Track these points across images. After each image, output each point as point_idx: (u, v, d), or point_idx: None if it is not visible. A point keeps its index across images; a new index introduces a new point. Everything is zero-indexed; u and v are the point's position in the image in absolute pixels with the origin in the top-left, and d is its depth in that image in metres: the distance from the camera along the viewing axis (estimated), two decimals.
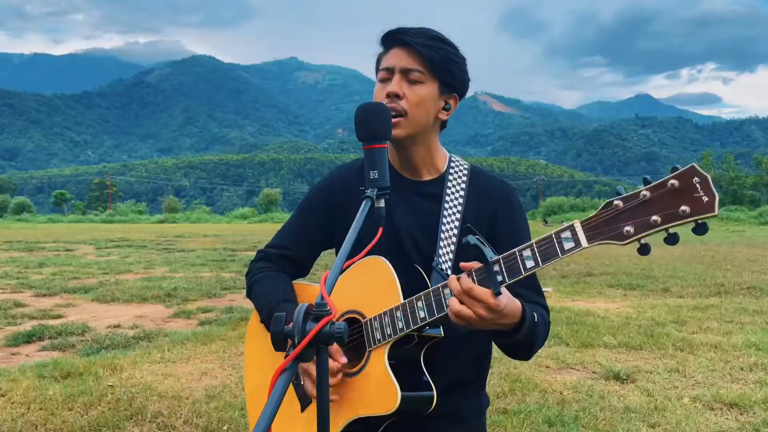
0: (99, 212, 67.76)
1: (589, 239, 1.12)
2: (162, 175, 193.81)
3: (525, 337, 1.31)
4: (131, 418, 3.55)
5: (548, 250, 1.17)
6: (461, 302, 1.23)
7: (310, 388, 1.39)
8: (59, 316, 6.94)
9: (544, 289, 1.58)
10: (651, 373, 4.58)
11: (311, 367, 1.37)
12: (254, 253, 1.72)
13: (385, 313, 1.37)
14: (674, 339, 5.62)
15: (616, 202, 1.10)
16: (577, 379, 4.42)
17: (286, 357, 0.88)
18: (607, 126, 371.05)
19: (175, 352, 5.15)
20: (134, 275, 11.11)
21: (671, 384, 4.32)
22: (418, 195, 1.55)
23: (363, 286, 1.46)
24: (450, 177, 1.56)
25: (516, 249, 1.20)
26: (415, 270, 1.45)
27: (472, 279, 1.23)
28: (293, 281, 1.64)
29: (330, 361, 1.35)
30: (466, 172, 1.58)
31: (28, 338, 5.67)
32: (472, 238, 1.20)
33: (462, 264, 1.26)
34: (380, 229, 1.22)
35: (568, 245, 1.15)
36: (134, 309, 7.59)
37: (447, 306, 1.26)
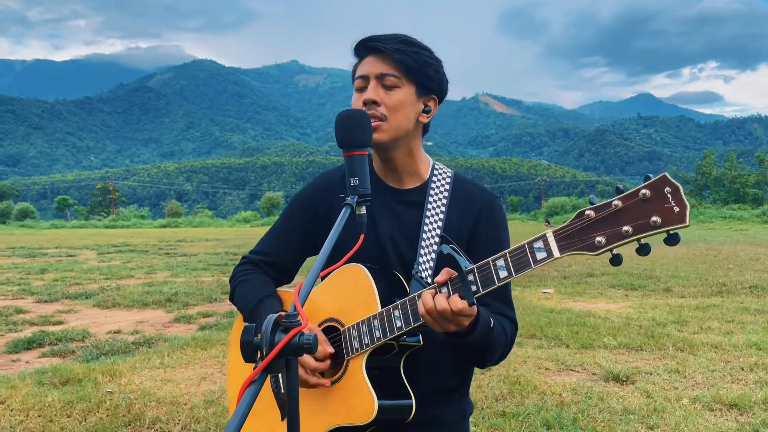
0: (102, 217, 67.89)
1: (561, 249, 1.12)
2: (164, 179, 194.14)
3: (478, 341, 1.30)
4: (129, 425, 3.55)
5: (521, 260, 1.16)
6: (430, 317, 1.23)
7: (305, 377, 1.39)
8: (60, 323, 6.95)
9: (545, 290, 1.58)
10: (651, 374, 4.57)
11: (307, 362, 1.37)
12: None
13: (362, 321, 1.37)
14: (675, 339, 5.61)
15: (588, 211, 1.09)
16: (577, 381, 4.41)
17: (255, 368, 0.87)
18: (609, 126, 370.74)
19: (175, 357, 5.15)
20: (135, 280, 11.12)
21: (671, 385, 4.31)
22: (401, 203, 1.55)
23: (342, 294, 1.46)
24: (433, 185, 1.56)
25: (490, 259, 1.19)
26: (396, 278, 1.45)
27: (447, 289, 1.23)
28: (277, 287, 1.63)
29: (312, 360, 1.36)
30: (449, 179, 1.57)
31: (29, 345, 5.68)
32: (446, 248, 1.20)
33: (437, 278, 1.25)
34: (361, 237, 1.23)
35: (540, 255, 1.14)
36: (135, 314, 7.59)
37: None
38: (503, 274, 1.18)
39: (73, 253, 18.56)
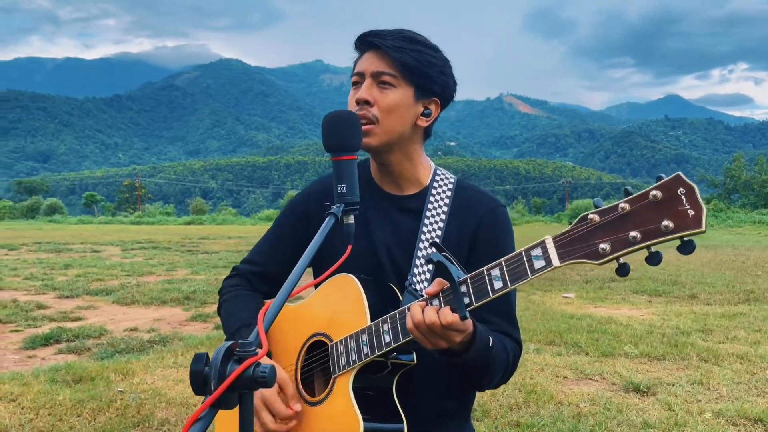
0: (128, 213, 68.93)
1: (561, 257, 1.01)
2: (190, 177, 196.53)
3: (475, 360, 1.20)
4: (138, 425, 3.53)
5: (518, 270, 1.06)
6: (419, 331, 1.15)
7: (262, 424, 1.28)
8: (78, 319, 7.01)
9: (565, 295, 1.48)
10: (673, 385, 4.42)
11: (270, 399, 1.27)
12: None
13: (350, 336, 1.28)
14: (699, 349, 5.43)
15: (591, 215, 0.99)
16: (595, 391, 4.29)
17: (203, 403, 0.79)
18: (636, 127, 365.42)
19: (189, 356, 5.14)
20: (156, 277, 11.21)
21: (693, 397, 4.16)
22: (399, 210, 1.46)
23: (331, 306, 1.37)
24: (433, 191, 1.45)
25: (484, 268, 1.10)
26: (391, 290, 1.36)
27: (439, 301, 1.14)
28: (267, 299, 1.55)
29: (282, 406, 1.27)
30: (451, 186, 1.47)
31: (46, 341, 5.72)
32: (436, 255, 1.11)
33: (427, 290, 1.15)
34: (348, 248, 1.14)
35: (538, 264, 1.04)
36: (153, 312, 7.63)
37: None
38: (498, 284, 1.08)
39: (98, 249, 18.83)
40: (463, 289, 1.12)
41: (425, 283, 1.36)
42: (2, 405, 3.78)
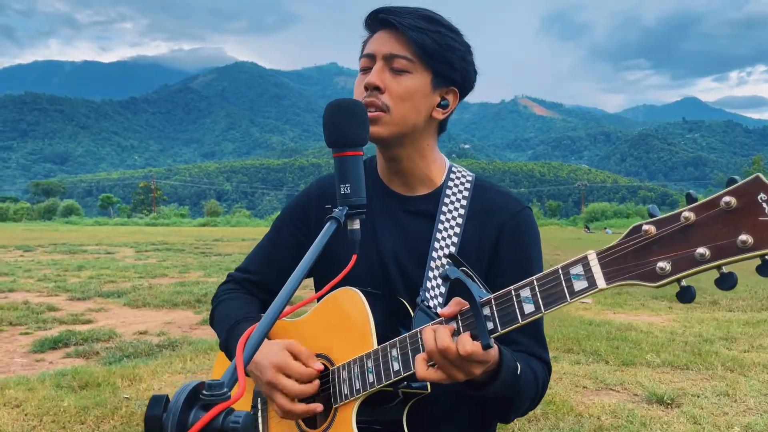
0: (144, 215, 69.48)
1: (609, 278, 0.83)
2: (205, 179, 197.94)
3: (501, 392, 1.03)
4: None
5: (553, 291, 0.88)
6: (430, 360, 0.97)
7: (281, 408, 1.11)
8: (89, 321, 6.95)
9: (583, 300, 1.29)
10: (698, 396, 4.24)
11: (285, 364, 1.11)
12: None
13: (354, 361, 1.12)
14: (723, 358, 5.23)
15: (646, 226, 0.81)
16: (617, 402, 4.12)
17: None
18: (653, 130, 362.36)
19: (197, 362, 5.04)
20: (169, 279, 11.17)
21: (720, 410, 3.98)
22: (409, 213, 1.28)
23: (333, 324, 1.19)
24: (447, 191, 1.28)
25: (512, 288, 0.93)
26: (400, 305, 1.18)
27: (457, 325, 0.97)
28: (266, 307, 1.41)
29: (300, 366, 1.11)
30: (468, 186, 1.29)
31: (55, 344, 5.65)
32: (453, 271, 0.94)
33: (443, 311, 0.99)
34: (354, 257, 0.98)
35: (579, 284, 0.86)
36: (164, 315, 7.56)
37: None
38: (529, 308, 0.91)
39: (112, 251, 18.89)
40: (486, 311, 0.94)
41: (440, 299, 1.19)
42: (6, 411, 3.69)
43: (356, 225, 1.00)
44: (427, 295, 1.19)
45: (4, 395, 3.94)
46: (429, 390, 1.12)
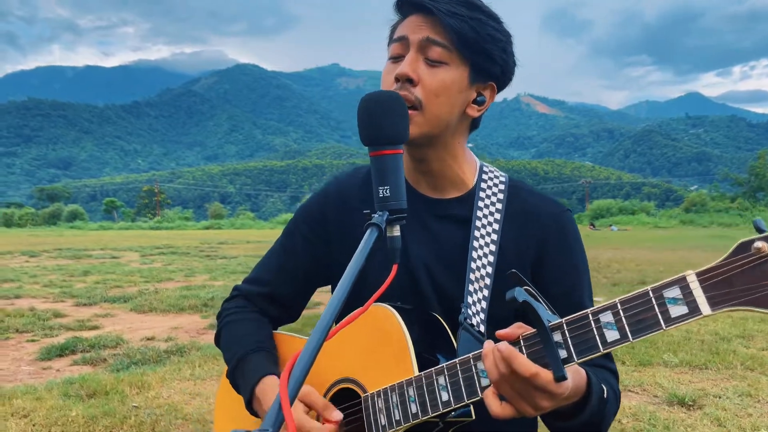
0: (148, 219, 69.56)
1: (714, 303, 0.73)
2: (208, 182, 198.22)
3: (588, 420, 0.93)
4: None
5: (642, 317, 0.77)
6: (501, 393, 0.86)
7: None
8: (95, 327, 6.88)
9: (594, 298, 1.14)
10: (719, 397, 4.13)
11: (300, 423, 0.99)
12: None
13: (392, 388, 1.00)
14: (742, 357, 5.13)
15: (758, 243, 0.71)
16: (637, 404, 4.02)
17: None
18: (656, 126, 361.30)
19: (206, 368, 4.96)
20: (175, 283, 11.10)
21: (744, 411, 3.87)
22: (439, 218, 1.16)
23: (363, 345, 1.06)
24: (481, 194, 1.17)
25: (589, 311, 0.81)
26: (435, 322, 1.07)
27: (520, 352, 0.86)
28: (277, 329, 1.29)
29: (316, 424, 0.99)
30: (502, 187, 1.19)
31: (62, 351, 5.58)
32: (520, 293, 0.82)
33: (499, 333, 0.88)
34: (394, 267, 0.87)
35: (677, 311, 0.75)
36: (170, 320, 7.48)
37: (481, 391, 0.90)
38: (612, 335, 0.79)
39: (117, 255, 18.85)
40: (558, 337, 0.83)
41: (482, 315, 1.07)
42: (14, 421, 3.62)
43: (396, 232, 0.89)
44: (469, 312, 1.07)
45: (12, 405, 3.87)
46: (473, 417, 1.00)
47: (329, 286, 1.29)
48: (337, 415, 0.99)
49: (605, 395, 0.95)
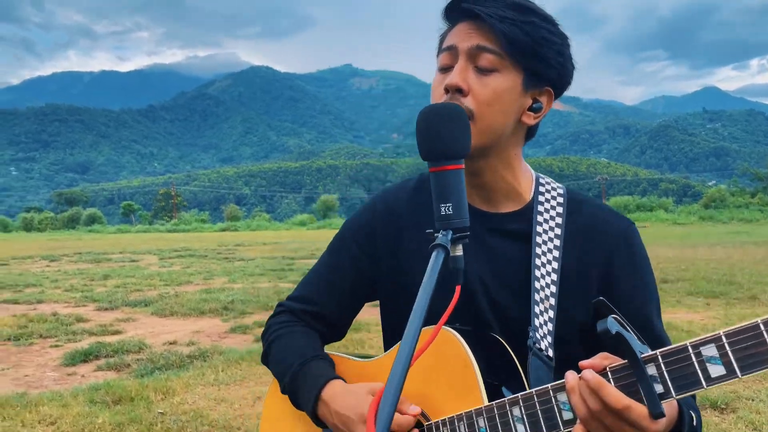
0: (165, 222, 70.06)
1: None
2: (224, 184, 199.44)
3: None
4: None
5: (751, 351, 0.70)
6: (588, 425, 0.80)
7: None
8: (118, 332, 6.92)
9: None
10: (752, 400, 4.04)
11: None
12: (312, 262, 1.31)
13: (459, 417, 0.93)
14: None
15: None
16: None
17: None
18: (672, 121, 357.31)
19: (230, 372, 4.96)
20: (194, 287, 11.15)
21: None
22: (496, 233, 1.10)
23: (425, 369, 1.00)
24: (540, 207, 1.10)
25: (688, 343, 0.75)
26: (495, 344, 1.00)
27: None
28: (327, 342, 1.25)
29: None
30: (561, 200, 1.12)
31: (85, 357, 5.61)
32: (612, 324, 0.76)
33: (584, 363, 0.82)
34: (457, 289, 0.82)
35: None
36: (191, 323, 7.50)
37: (563, 425, 0.84)
38: (717, 371, 0.72)
39: (136, 258, 18.99)
40: (652, 370, 0.76)
41: (549, 338, 1.01)
42: (41, 429, 3.64)
43: (459, 251, 0.85)
44: (536, 334, 1.01)
45: (39, 412, 3.89)
46: None
47: (373, 301, 1.25)
48: (415, 409, 0.95)
49: (694, 423, 0.90)
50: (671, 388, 0.75)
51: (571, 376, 0.82)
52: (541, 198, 1.12)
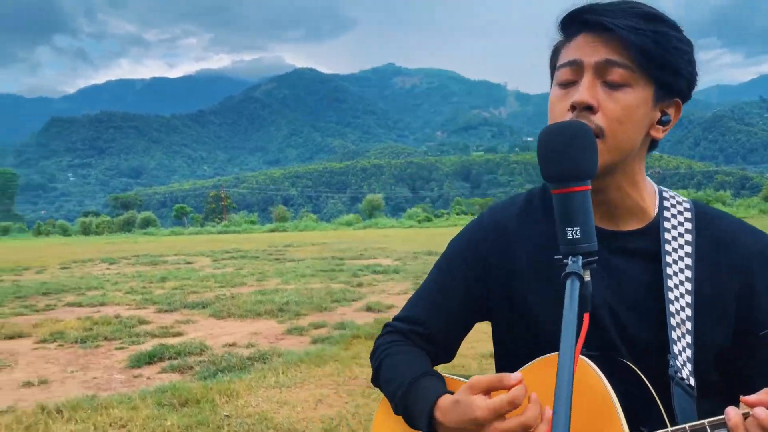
0: (215, 223, 71.68)
1: None
2: (271, 185, 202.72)
3: None
4: None
5: None
6: None
7: None
8: (179, 334, 7.07)
9: None
10: None
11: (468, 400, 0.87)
12: (364, 263, 1.24)
13: None
14: None
15: None
16: None
17: None
18: (728, 111, 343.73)
19: (290, 375, 4.99)
20: (248, 288, 11.32)
21: None
22: (620, 253, 1.03)
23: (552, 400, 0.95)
24: (666, 224, 1.02)
25: None
26: (626, 371, 0.94)
27: None
28: (436, 362, 1.20)
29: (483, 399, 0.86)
30: (689, 215, 1.04)
31: (150, 359, 5.75)
32: None
33: (748, 398, 0.79)
34: (586, 317, 0.79)
35: None
36: (248, 325, 7.61)
37: None
38: None
39: (191, 260, 19.45)
40: None
41: (689, 366, 0.95)
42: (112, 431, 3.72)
43: (587, 276, 0.81)
44: (676, 362, 0.94)
45: (110, 415, 3.99)
46: None
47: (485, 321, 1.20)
48: (515, 375, 0.87)
49: None
50: None
51: (733, 412, 0.78)
52: (666, 214, 1.05)
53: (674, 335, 0.95)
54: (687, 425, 0.81)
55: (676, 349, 0.94)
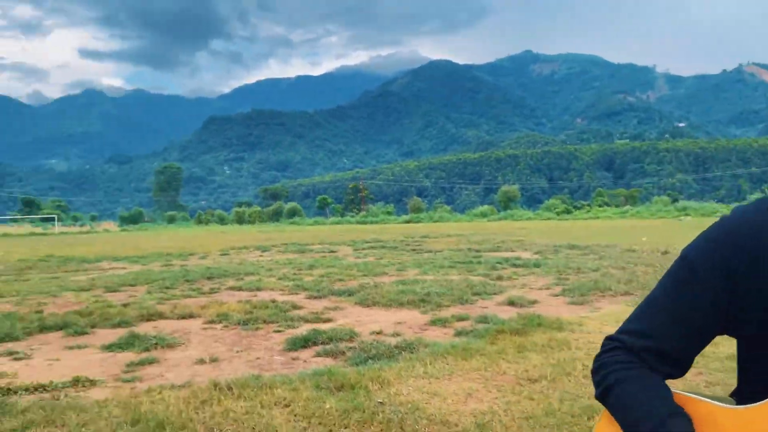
0: (354, 214, 74.31)
1: None
2: (406, 177, 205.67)
3: None
4: None
5: None
6: None
7: None
8: (329, 320, 7.43)
9: None
10: None
11: None
12: (502, 255, 1.16)
13: None
14: None
15: None
16: None
17: None
18: None
19: (437, 366, 5.05)
20: (389, 278, 11.61)
21: None
22: None
23: None
24: None
25: None
26: None
27: None
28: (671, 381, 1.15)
29: None
30: None
31: (305, 343, 6.10)
32: None
33: None
34: None
35: None
36: (393, 314, 7.81)
37: None
38: None
39: (333, 249, 20.36)
40: None
41: None
42: (278, 411, 4.00)
43: None
44: None
45: (274, 394, 4.29)
46: None
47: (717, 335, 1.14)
48: None
49: None
50: None
51: None
52: None
53: None
54: None
55: None
